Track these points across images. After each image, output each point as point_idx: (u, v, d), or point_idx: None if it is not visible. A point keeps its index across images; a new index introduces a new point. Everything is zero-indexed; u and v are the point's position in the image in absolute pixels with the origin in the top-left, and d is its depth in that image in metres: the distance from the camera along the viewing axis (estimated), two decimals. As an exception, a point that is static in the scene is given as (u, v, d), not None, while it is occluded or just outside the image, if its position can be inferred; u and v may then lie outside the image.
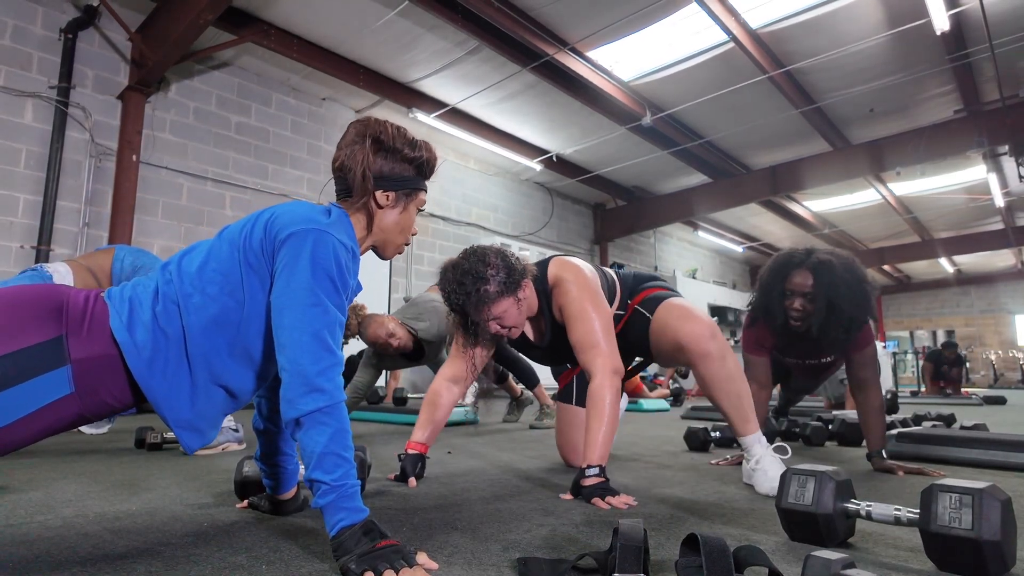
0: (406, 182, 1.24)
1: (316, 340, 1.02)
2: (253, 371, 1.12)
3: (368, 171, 1.18)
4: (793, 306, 2.04)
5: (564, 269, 1.75)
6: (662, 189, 10.03)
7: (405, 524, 1.27)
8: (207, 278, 1.07)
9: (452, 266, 1.68)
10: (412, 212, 1.27)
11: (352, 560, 0.90)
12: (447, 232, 8.29)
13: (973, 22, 5.52)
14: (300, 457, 1.09)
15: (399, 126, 1.26)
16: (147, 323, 1.02)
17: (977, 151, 7.23)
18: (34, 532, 1.17)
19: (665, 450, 2.61)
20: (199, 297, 1.06)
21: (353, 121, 1.26)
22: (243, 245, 1.09)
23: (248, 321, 1.08)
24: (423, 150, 1.26)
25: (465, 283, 1.62)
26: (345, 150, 1.21)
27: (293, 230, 1.07)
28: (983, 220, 11.91)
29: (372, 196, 1.20)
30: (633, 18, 5.38)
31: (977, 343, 16.59)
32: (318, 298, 1.04)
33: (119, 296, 1.06)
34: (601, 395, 1.60)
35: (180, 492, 1.58)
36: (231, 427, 2.46)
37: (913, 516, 1.05)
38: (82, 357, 0.97)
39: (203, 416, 1.09)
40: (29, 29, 4.84)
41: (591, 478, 1.53)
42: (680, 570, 0.90)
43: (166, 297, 1.05)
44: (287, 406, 1.01)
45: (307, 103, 6.81)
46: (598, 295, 1.72)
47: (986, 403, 6.97)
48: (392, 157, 1.22)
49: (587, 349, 1.65)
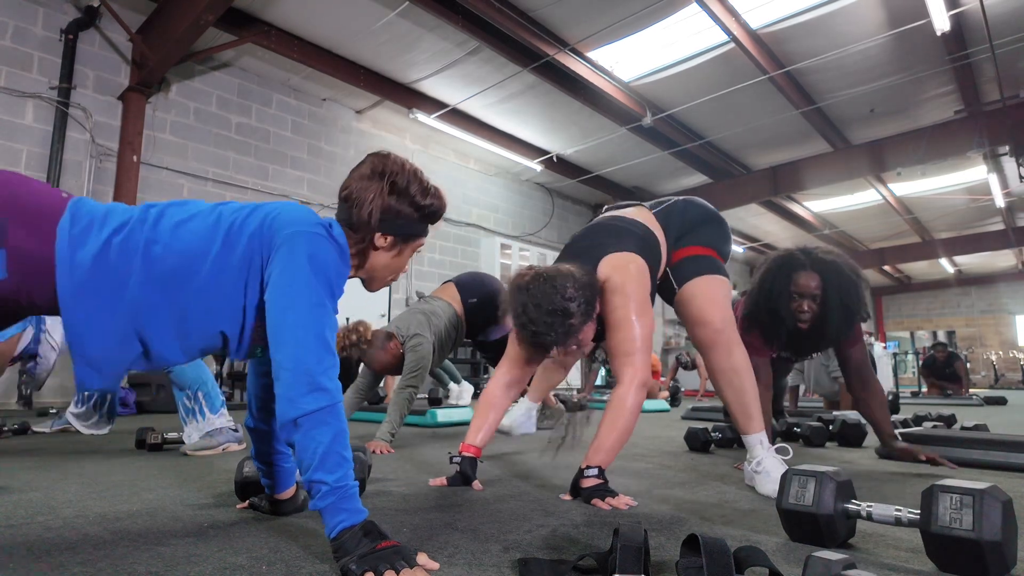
0: (409, 228, 1.21)
1: (319, 340, 1.02)
2: (180, 341, 1.08)
3: (376, 212, 1.16)
4: (801, 308, 2.04)
5: (617, 272, 1.69)
6: (662, 190, 10.03)
7: (405, 524, 1.27)
8: (180, 236, 1.05)
9: (535, 306, 1.59)
10: (406, 256, 1.25)
11: (353, 561, 0.90)
12: (447, 232, 8.29)
13: (973, 22, 5.52)
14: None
15: (416, 169, 1.23)
16: (96, 247, 0.99)
17: (978, 151, 7.23)
18: (35, 533, 1.16)
19: (665, 451, 2.61)
20: (161, 248, 1.03)
21: (372, 154, 1.23)
22: (231, 225, 1.08)
23: (201, 292, 1.05)
24: (434, 198, 1.24)
25: (553, 323, 1.59)
26: (357, 182, 1.19)
27: (297, 229, 1.06)
28: (984, 220, 11.91)
29: (372, 236, 1.18)
30: (633, 19, 5.38)
31: (978, 344, 16.59)
32: (320, 298, 1.04)
33: (89, 209, 1.03)
34: (623, 403, 1.59)
35: (180, 493, 1.58)
36: (231, 428, 2.46)
37: (914, 517, 1.05)
38: (18, 246, 0.94)
39: (109, 361, 1.04)
40: (30, 30, 4.85)
41: (590, 479, 1.53)
42: (681, 571, 0.90)
43: (132, 233, 1.02)
44: (288, 405, 0.99)
45: (307, 104, 6.81)
46: (645, 303, 1.67)
47: (987, 404, 6.97)
48: (402, 201, 1.19)
49: (622, 356, 1.64)
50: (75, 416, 2.79)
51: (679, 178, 9.52)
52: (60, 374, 4.86)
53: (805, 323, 2.06)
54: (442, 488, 1.70)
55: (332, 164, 7.00)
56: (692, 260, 1.86)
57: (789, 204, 10.90)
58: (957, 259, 14.58)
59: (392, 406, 2.53)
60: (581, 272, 1.65)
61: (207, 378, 2.46)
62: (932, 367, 8.59)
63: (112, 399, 2.77)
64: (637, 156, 8.43)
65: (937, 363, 8.55)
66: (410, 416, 3.69)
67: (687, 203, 1.96)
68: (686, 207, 1.95)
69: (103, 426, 2.82)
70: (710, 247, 1.89)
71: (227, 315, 1.09)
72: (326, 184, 6.86)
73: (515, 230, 9.21)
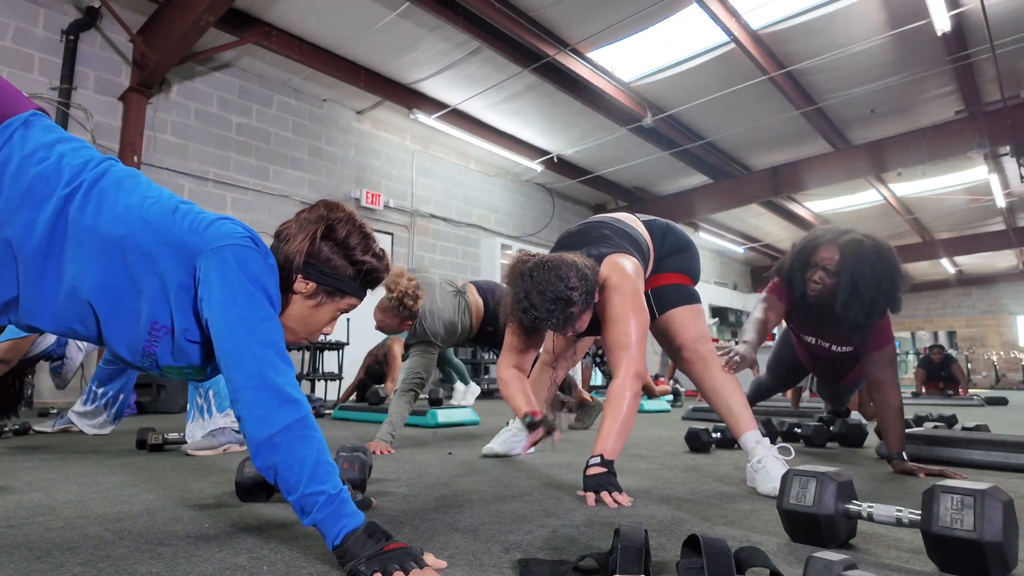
0: (337, 281, 1.14)
1: (278, 353, 0.99)
2: (52, 303, 1.00)
3: (300, 255, 1.11)
4: (812, 278, 2.06)
5: (617, 273, 1.76)
6: (663, 190, 10.03)
7: (406, 525, 1.27)
8: (109, 207, 1.00)
9: (538, 292, 1.66)
10: (326, 312, 1.17)
11: (362, 563, 0.89)
12: (448, 233, 8.29)
13: (974, 23, 5.52)
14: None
15: (364, 225, 1.18)
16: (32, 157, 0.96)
17: (978, 152, 7.23)
18: (35, 533, 1.17)
19: (666, 451, 2.61)
20: (91, 209, 0.99)
21: (323, 200, 1.20)
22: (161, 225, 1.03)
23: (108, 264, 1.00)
24: (373, 258, 1.17)
25: (555, 310, 1.67)
26: (296, 222, 1.15)
27: (227, 243, 1.02)
28: (984, 221, 11.90)
29: (293, 277, 1.12)
30: (634, 19, 5.39)
31: (979, 344, 16.57)
32: (268, 311, 1.01)
33: (49, 126, 1.01)
34: (621, 393, 1.65)
35: (181, 493, 1.58)
36: (233, 428, 2.46)
37: (915, 517, 1.05)
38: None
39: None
40: (31, 30, 4.86)
41: (595, 467, 1.56)
42: (681, 571, 0.90)
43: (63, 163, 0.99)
44: (258, 425, 0.94)
45: (308, 104, 6.82)
46: (640, 301, 1.75)
47: (988, 404, 6.96)
48: (336, 251, 1.14)
49: (618, 349, 1.71)
50: (79, 415, 2.79)
51: (679, 178, 9.52)
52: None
53: (813, 293, 2.09)
54: (442, 489, 1.69)
55: (333, 165, 7.00)
56: (673, 289, 1.98)
57: (789, 204, 10.90)
58: (958, 259, 14.56)
59: (393, 407, 2.53)
60: (583, 262, 1.72)
61: (219, 377, 2.47)
62: (928, 368, 8.57)
63: (124, 399, 2.77)
64: (637, 156, 8.44)
65: (932, 364, 8.53)
66: (411, 417, 3.69)
67: (669, 227, 2.08)
68: (668, 230, 2.06)
69: (108, 426, 2.82)
70: (688, 275, 2.01)
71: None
72: (327, 184, 6.86)
73: (515, 230, 9.21)
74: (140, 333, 1.04)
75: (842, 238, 2.04)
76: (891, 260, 2.00)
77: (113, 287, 1.00)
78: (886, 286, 1.97)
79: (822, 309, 2.12)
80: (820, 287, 2.05)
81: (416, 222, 7.86)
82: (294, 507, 0.95)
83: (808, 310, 2.21)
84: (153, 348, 1.06)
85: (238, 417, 0.97)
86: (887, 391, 2.09)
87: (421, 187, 8.01)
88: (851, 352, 2.32)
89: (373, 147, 7.50)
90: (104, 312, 1.02)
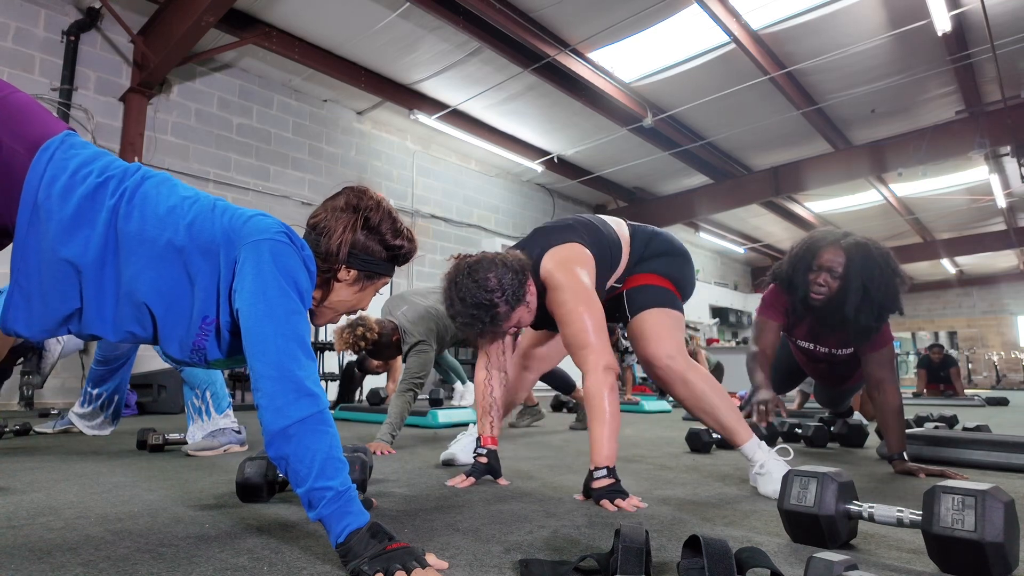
0: (375, 266, 1.21)
1: (302, 347, 1.01)
2: (114, 312, 1.04)
3: (345, 245, 1.16)
4: (817, 280, 2.03)
5: (559, 269, 1.70)
6: (663, 190, 10.03)
7: (407, 526, 1.27)
8: (151, 208, 1.04)
9: (460, 299, 1.66)
10: (368, 294, 1.25)
11: (364, 563, 0.89)
12: (448, 233, 8.30)
13: (974, 23, 5.52)
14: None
15: (391, 209, 1.23)
16: (72, 178, 0.98)
17: (979, 152, 7.23)
18: (36, 533, 1.17)
19: (666, 451, 2.61)
20: (136, 214, 1.02)
21: (348, 187, 1.24)
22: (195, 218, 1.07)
23: (147, 268, 1.03)
24: (405, 240, 1.24)
25: (479, 315, 1.65)
26: (330, 212, 1.19)
27: (264, 237, 1.05)
28: (985, 221, 11.90)
29: (337, 268, 1.18)
30: (634, 19, 5.39)
31: (979, 344, 16.57)
32: (297, 305, 1.03)
33: (82, 144, 1.02)
34: (597, 393, 1.59)
35: (182, 493, 1.59)
36: (234, 429, 2.46)
37: (915, 518, 1.05)
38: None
39: (45, 304, 1.01)
40: (31, 31, 4.86)
41: (601, 480, 1.52)
42: (682, 572, 0.90)
43: (107, 184, 1.01)
44: (275, 415, 0.96)
45: (308, 105, 6.82)
46: (589, 293, 1.67)
47: (988, 404, 6.96)
48: (372, 238, 1.20)
49: (578, 349, 1.65)
50: (79, 416, 2.79)
51: (680, 178, 9.52)
52: (62, 375, 4.87)
53: (819, 297, 2.04)
54: (443, 489, 1.69)
55: (333, 165, 7.00)
56: (646, 290, 1.83)
57: (790, 205, 10.90)
58: (958, 259, 14.57)
59: (393, 407, 2.53)
60: (507, 259, 1.68)
61: (217, 378, 2.47)
62: (928, 368, 8.57)
63: (119, 400, 2.77)
64: (638, 157, 8.44)
65: (932, 364, 8.52)
66: (411, 417, 3.69)
67: (656, 233, 1.97)
68: (654, 235, 1.95)
69: (107, 427, 2.82)
70: (667, 278, 1.86)
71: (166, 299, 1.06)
72: (327, 185, 6.86)
73: (516, 231, 9.21)
74: (192, 328, 1.09)
75: (844, 240, 2.04)
76: (893, 263, 2.01)
77: (166, 286, 1.04)
78: (893, 289, 1.97)
79: (822, 313, 2.10)
80: (825, 289, 2.03)
81: (417, 223, 7.86)
82: (302, 500, 0.96)
83: (806, 315, 2.17)
84: (203, 342, 1.10)
85: (256, 405, 0.99)
86: (887, 391, 2.08)
87: (422, 187, 8.02)
88: (851, 354, 2.31)
89: (374, 148, 7.50)
90: (160, 311, 1.06)
